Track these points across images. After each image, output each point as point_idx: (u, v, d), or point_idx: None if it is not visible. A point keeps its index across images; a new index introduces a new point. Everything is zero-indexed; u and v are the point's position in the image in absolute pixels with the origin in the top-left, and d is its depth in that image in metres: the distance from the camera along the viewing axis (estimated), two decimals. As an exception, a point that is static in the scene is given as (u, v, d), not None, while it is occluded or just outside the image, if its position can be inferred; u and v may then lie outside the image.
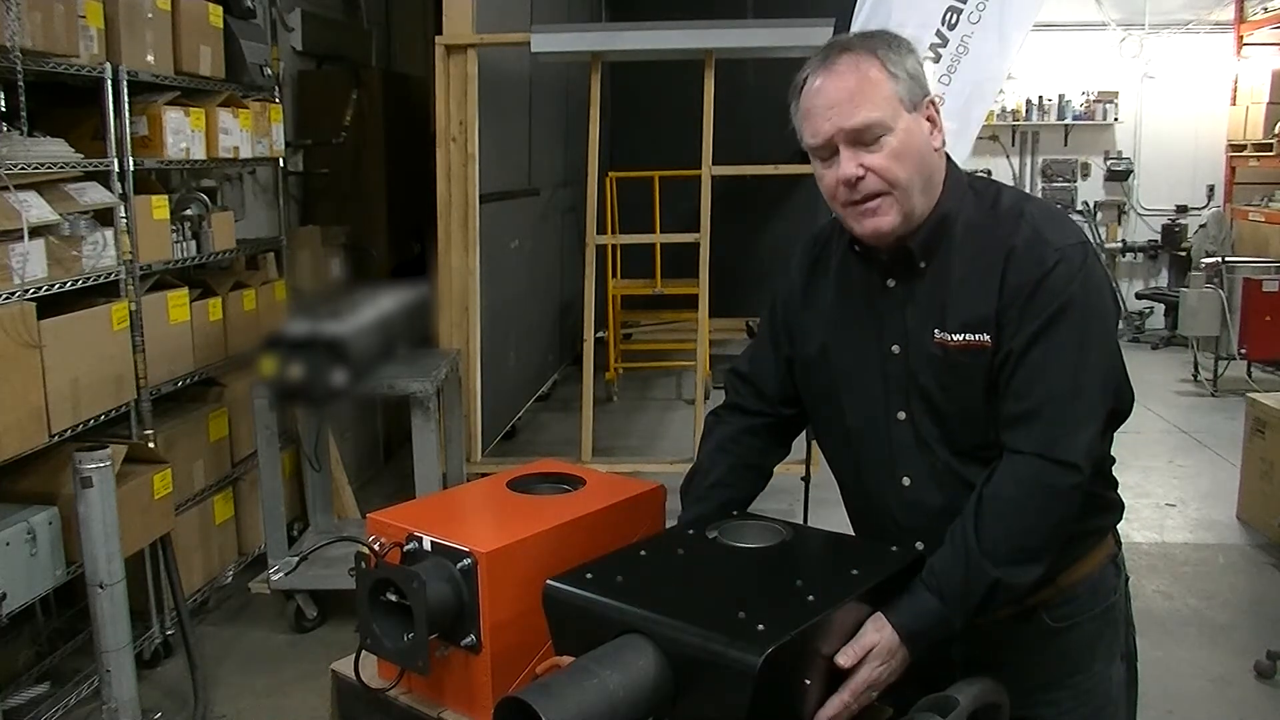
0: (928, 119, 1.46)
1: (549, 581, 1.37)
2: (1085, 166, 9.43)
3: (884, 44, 1.45)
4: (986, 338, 1.44)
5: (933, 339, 1.47)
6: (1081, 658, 1.59)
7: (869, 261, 1.54)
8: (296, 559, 3.72)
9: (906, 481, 1.54)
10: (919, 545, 1.48)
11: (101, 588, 2.81)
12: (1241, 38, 8.67)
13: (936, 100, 1.48)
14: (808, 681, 1.28)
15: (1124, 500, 1.64)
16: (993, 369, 1.44)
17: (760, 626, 1.22)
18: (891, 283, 1.52)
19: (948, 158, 1.53)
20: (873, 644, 1.35)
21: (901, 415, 1.53)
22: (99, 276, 3.23)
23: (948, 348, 1.46)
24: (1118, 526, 1.65)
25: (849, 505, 1.70)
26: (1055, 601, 1.56)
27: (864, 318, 1.55)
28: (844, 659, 1.33)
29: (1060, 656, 1.58)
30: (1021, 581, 1.41)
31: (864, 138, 1.41)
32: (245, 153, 4.10)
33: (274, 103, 4.43)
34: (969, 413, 1.47)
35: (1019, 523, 1.40)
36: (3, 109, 2.95)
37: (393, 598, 1.42)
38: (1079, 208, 9.36)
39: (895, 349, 1.52)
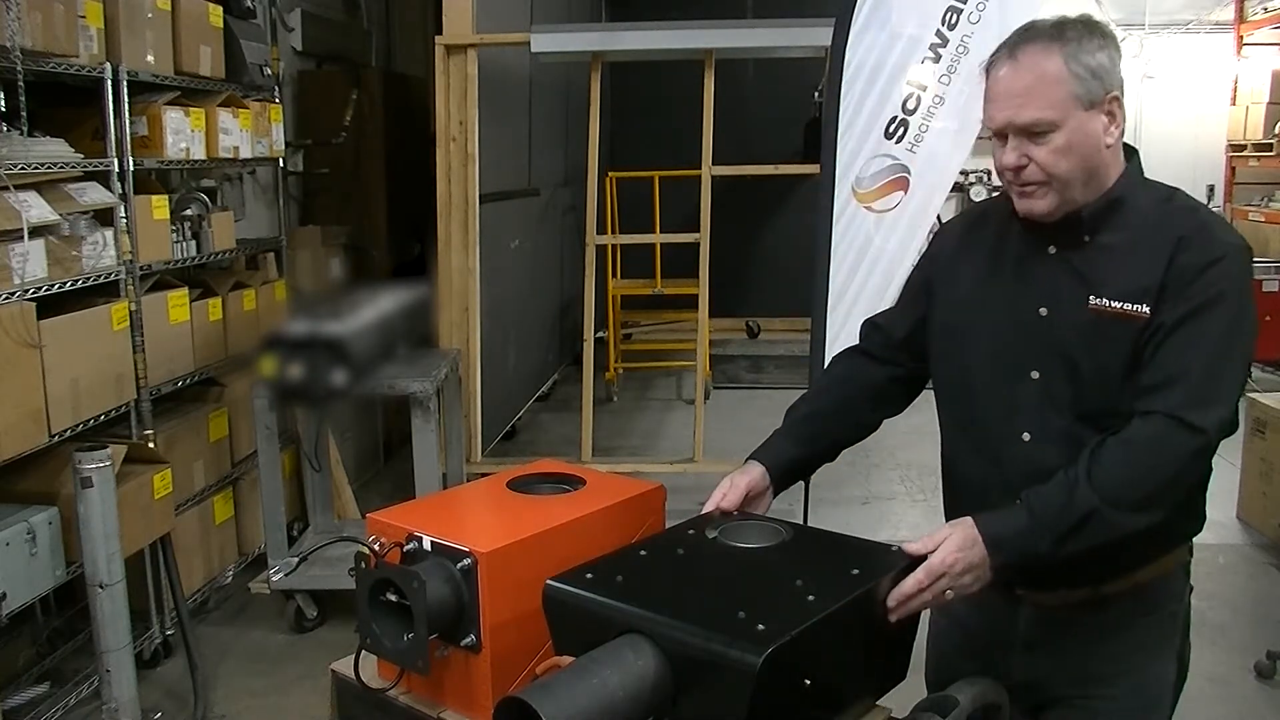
0: (1107, 113, 1.49)
1: (549, 581, 1.37)
2: (1085, 166, 9.41)
3: (1075, 37, 1.47)
4: (1145, 309, 1.47)
5: (1087, 305, 1.51)
6: (1143, 655, 1.62)
7: (1033, 228, 1.58)
8: (296, 559, 3.73)
9: (1026, 437, 1.57)
10: (1019, 501, 1.50)
11: (101, 588, 2.81)
12: (1241, 38, 8.66)
13: (1118, 97, 1.49)
14: (808, 681, 1.28)
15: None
16: (1140, 341, 1.47)
17: (760, 626, 1.22)
18: (1052, 249, 1.56)
19: (1135, 154, 1.57)
20: (949, 533, 1.41)
21: (1035, 374, 1.56)
22: (99, 276, 3.23)
23: (1102, 314, 1.50)
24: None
25: (950, 460, 1.72)
26: (1130, 595, 1.58)
27: (1013, 279, 1.60)
28: (917, 546, 1.40)
29: (1124, 651, 1.60)
30: (1121, 522, 1.42)
31: (1032, 131, 1.47)
32: (245, 153, 4.10)
33: (274, 103, 4.42)
34: (1107, 378, 1.50)
35: (1135, 468, 1.43)
36: (3, 109, 2.95)
37: (393, 598, 1.42)
38: (1079, 208, 9.36)
39: (1043, 311, 1.55)
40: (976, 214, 1.74)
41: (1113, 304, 1.49)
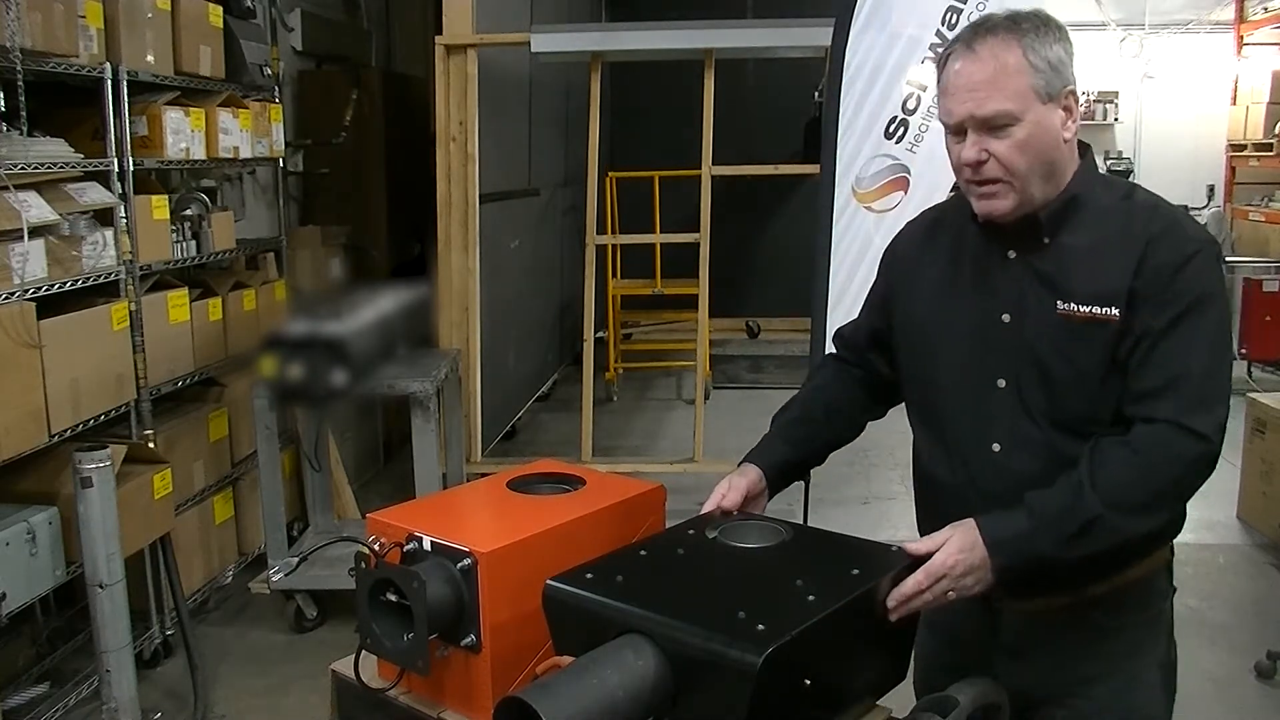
0: (1064, 109, 1.47)
1: (549, 581, 1.37)
2: (1085, 166, 9.40)
3: (1032, 29, 1.46)
4: (1114, 312, 1.45)
5: (1055, 310, 1.49)
6: (1131, 656, 1.61)
7: (990, 232, 1.56)
8: (296, 559, 3.72)
9: (996, 448, 1.55)
10: (1022, 502, 1.49)
11: (101, 588, 2.81)
12: (1241, 38, 8.65)
13: (1077, 92, 1.49)
14: (808, 681, 1.28)
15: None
16: (1117, 344, 1.46)
17: (760, 626, 1.22)
18: (1012, 254, 1.54)
19: (1088, 149, 1.56)
20: (949, 535, 1.40)
21: (1002, 383, 1.54)
22: (99, 276, 3.23)
23: (1072, 319, 1.48)
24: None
25: (922, 473, 1.71)
26: (1111, 599, 1.57)
27: (973, 286, 1.57)
28: (919, 546, 1.40)
29: (1111, 653, 1.60)
30: (1125, 527, 1.41)
31: (992, 125, 1.45)
32: (245, 153, 4.10)
33: (274, 103, 4.42)
34: (1082, 383, 1.48)
35: (1138, 472, 1.42)
36: (3, 109, 2.94)
37: (393, 598, 1.42)
38: (1079, 208, 9.35)
39: (1005, 318, 1.53)
40: (932, 217, 1.71)
41: (1081, 308, 1.47)
